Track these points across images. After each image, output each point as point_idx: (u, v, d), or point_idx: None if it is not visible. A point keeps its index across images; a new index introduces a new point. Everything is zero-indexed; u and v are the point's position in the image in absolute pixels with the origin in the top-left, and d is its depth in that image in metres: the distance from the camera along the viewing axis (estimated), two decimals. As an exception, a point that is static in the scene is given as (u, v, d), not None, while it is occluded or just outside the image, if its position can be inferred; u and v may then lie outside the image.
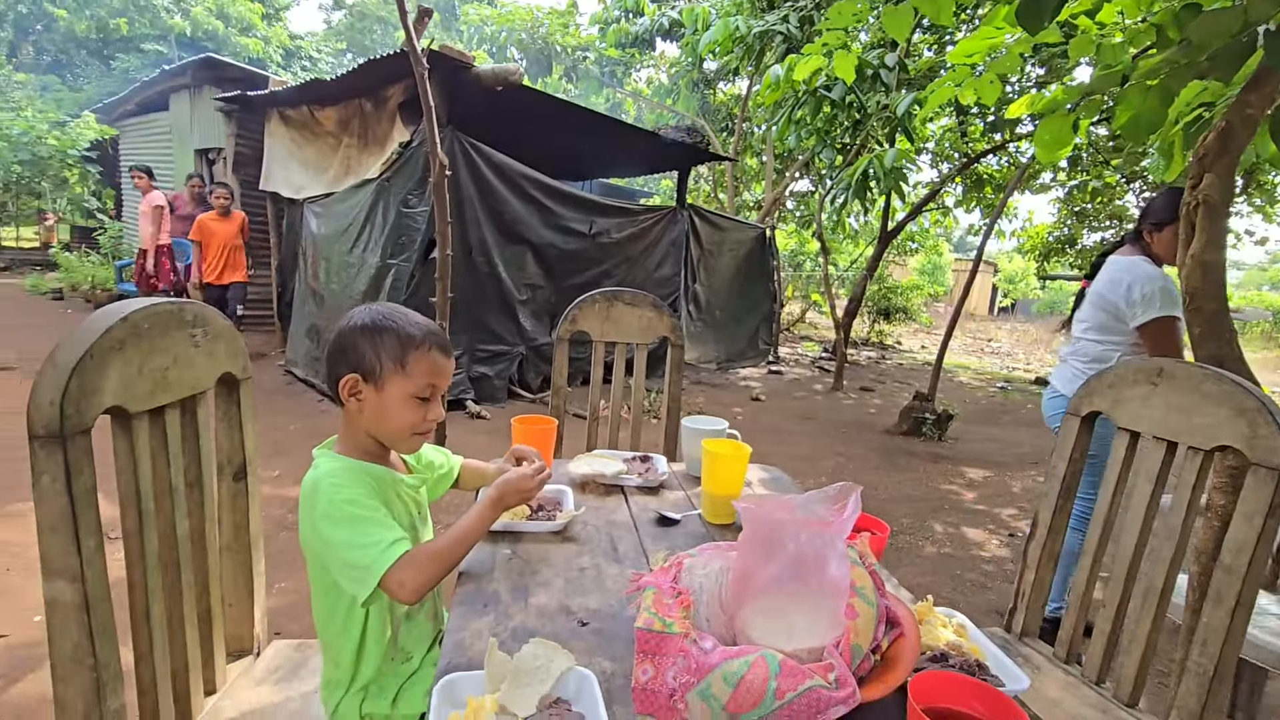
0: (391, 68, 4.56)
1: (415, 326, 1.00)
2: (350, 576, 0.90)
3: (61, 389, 0.84)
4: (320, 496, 0.93)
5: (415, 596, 0.89)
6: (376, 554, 0.88)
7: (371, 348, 0.98)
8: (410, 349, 0.98)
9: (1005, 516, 3.86)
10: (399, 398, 0.98)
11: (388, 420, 1.00)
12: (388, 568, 0.87)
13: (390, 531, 0.91)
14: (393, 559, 0.88)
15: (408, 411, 0.99)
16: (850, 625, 0.69)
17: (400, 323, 1.00)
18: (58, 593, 0.85)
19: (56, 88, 17.57)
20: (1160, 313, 1.99)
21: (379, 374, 0.98)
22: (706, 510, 1.26)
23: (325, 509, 0.92)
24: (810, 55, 1.99)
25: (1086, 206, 8.92)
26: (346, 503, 0.92)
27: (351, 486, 0.95)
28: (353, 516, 0.91)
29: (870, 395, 7.40)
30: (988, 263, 26.62)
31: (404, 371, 0.98)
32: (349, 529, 0.90)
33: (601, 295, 2.05)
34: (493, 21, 12.12)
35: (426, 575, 0.89)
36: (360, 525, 0.91)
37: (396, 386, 0.98)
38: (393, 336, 0.98)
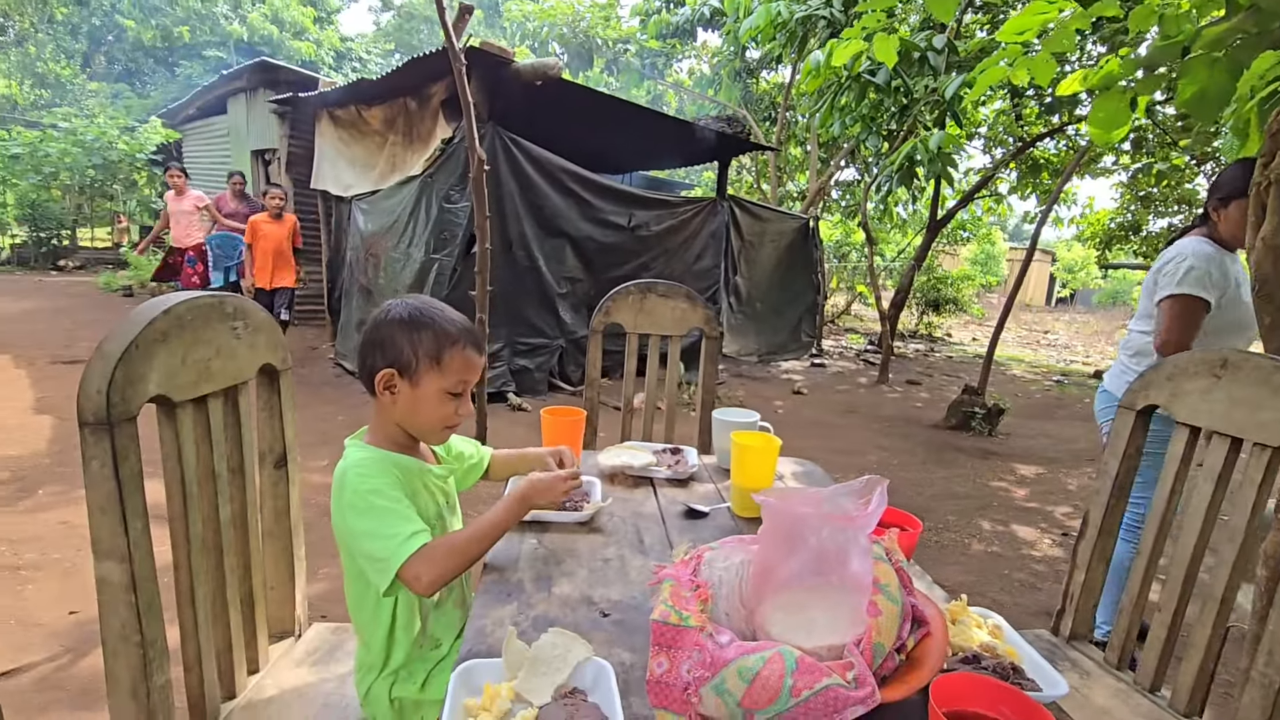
0: (434, 66, 4.63)
1: (451, 324, 1.02)
2: (371, 567, 0.92)
3: (108, 378, 0.87)
4: (347, 486, 0.95)
5: (430, 590, 0.90)
6: (395, 546, 0.89)
7: (409, 343, 1.00)
8: (446, 346, 0.99)
9: (1059, 515, 3.71)
10: (433, 393, 1.00)
11: (420, 414, 1.02)
12: (404, 560, 0.89)
13: (410, 524, 0.93)
14: (410, 551, 0.89)
15: (440, 406, 1.01)
16: (873, 623, 0.66)
17: (437, 319, 1.01)
18: (107, 572, 0.90)
19: (126, 95, 18.50)
20: (1176, 289, 1.82)
21: (415, 369, 1.00)
22: (736, 503, 1.25)
23: (350, 499, 0.94)
24: (849, 39, 1.93)
25: (1152, 191, 8.46)
26: (371, 493, 0.94)
27: (377, 477, 0.96)
28: (376, 508, 0.93)
29: (917, 389, 7.21)
30: (1045, 251, 25.55)
31: (439, 368, 0.99)
32: (372, 520, 0.92)
33: (635, 287, 2.04)
34: (535, 17, 12.21)
35: (441, 569, 0.90)
36: (382, 516, 0.92)
37: (431, 382, 1.00)
38: (430, 333, 1.00)
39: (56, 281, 9.67)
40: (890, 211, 11.51)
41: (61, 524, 2.73)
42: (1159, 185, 7.93)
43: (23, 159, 10.77)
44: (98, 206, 11.92)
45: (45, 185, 11.07)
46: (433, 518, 1.05)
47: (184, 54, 18.93)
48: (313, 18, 21.76)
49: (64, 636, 2.06)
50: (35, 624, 2.10)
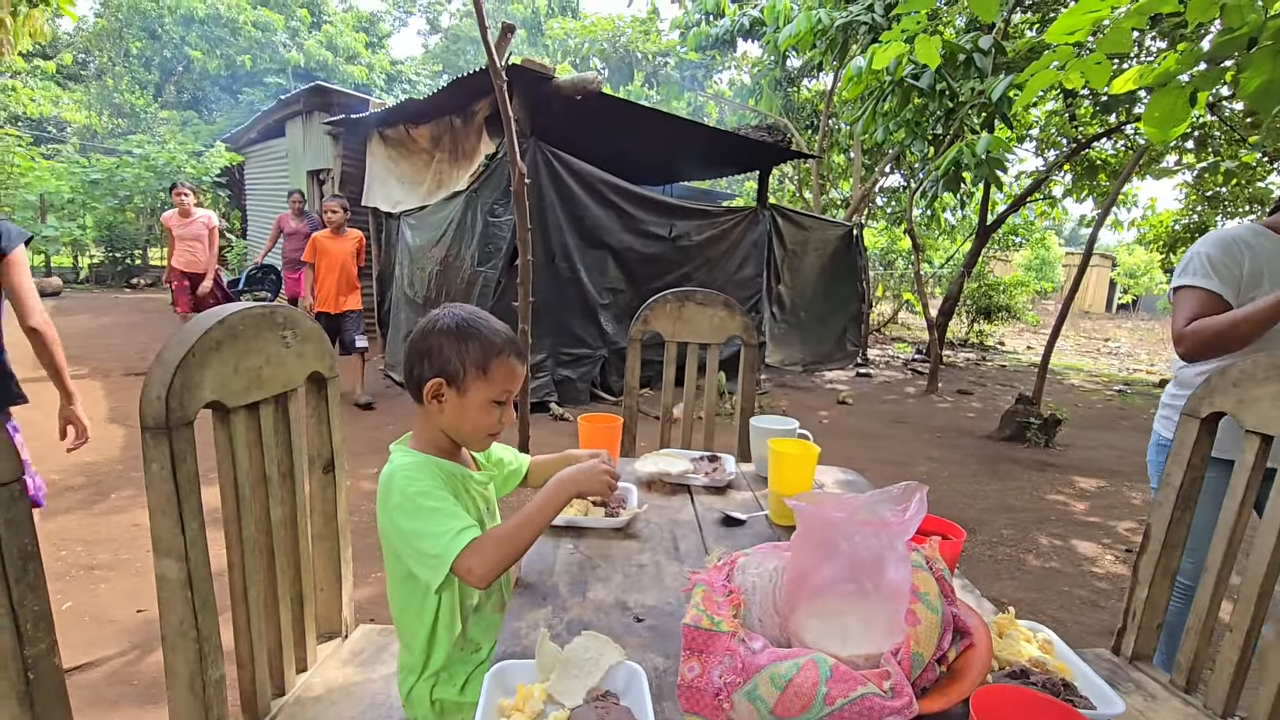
0: (478, 84, 4.76)
1: (496, 334, 1.05)
2: (424, 564, 0.94)
3: (167, 385, 0.92)
4: (395, 489, 0.98)
5: (485, 581, 0.92)
6: (447, 541, 0.92)
7: (457, 353, 1.02)
8: (493, 356, 1.02)
9: (1122, 530, 3.53)
10: (479, 401, 1.03)
11: (466, 422, 1.05)
12: (457, 554, 0.91)
13: (460, 520, 0.95)
14: (461, 545, 0.92)
15: (486, 414, 1.04)
16: (911, 632, 0.65)
17: (483, 329, 1.04)
18: (165, 570, 0.94)
19: (194, 122, 19.55)
20: (1178, 281, 1.64)
21: (463, 379, 1.02)
22: (773, 511, 1.23)
23: (399, 501, 0.97)
24: (890, 42, 1.90)
25: (1220, 190, 8.04)
26: (419, 494, 0.97)
27: (424, 479, 0.99)
28: (425, 508, 0.96)
29: (968, 398, 6.99)
30: (1104, 256, 24.53)
31: (485, 377, 1.02)
32: (422, 519, 0.95)
33: (673, 295, 2.04)
34: (576, 34, 12.42)
35: (493, 559, 0.92)
36: (432, 516, 0.95)
37: (479, 391, 1.02)
38: (477, 343, 1.02)
39: (131, 298, 10.24)
40: (938, 217, 11.25)
41: (133, 526, 2.87)
42: (1228, 184, 7.53)
43: (101, 184, 11.49)
44: (168, 227, 12.58)
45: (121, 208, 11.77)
46: (474, 521, 1.07)
47: (246, 81, 19.92)
48: (364, 43, 22.63)
49: (133, 633, 2.17)
50: (108, 620, 2.22)
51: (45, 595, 0.77)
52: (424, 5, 28.84)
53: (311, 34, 21.27)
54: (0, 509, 0.71)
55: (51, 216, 11.42)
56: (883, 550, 0.66)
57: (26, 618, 0.74)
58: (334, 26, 21.86)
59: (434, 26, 29.08)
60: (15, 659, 0.73)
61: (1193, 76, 1.47)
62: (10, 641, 0.72)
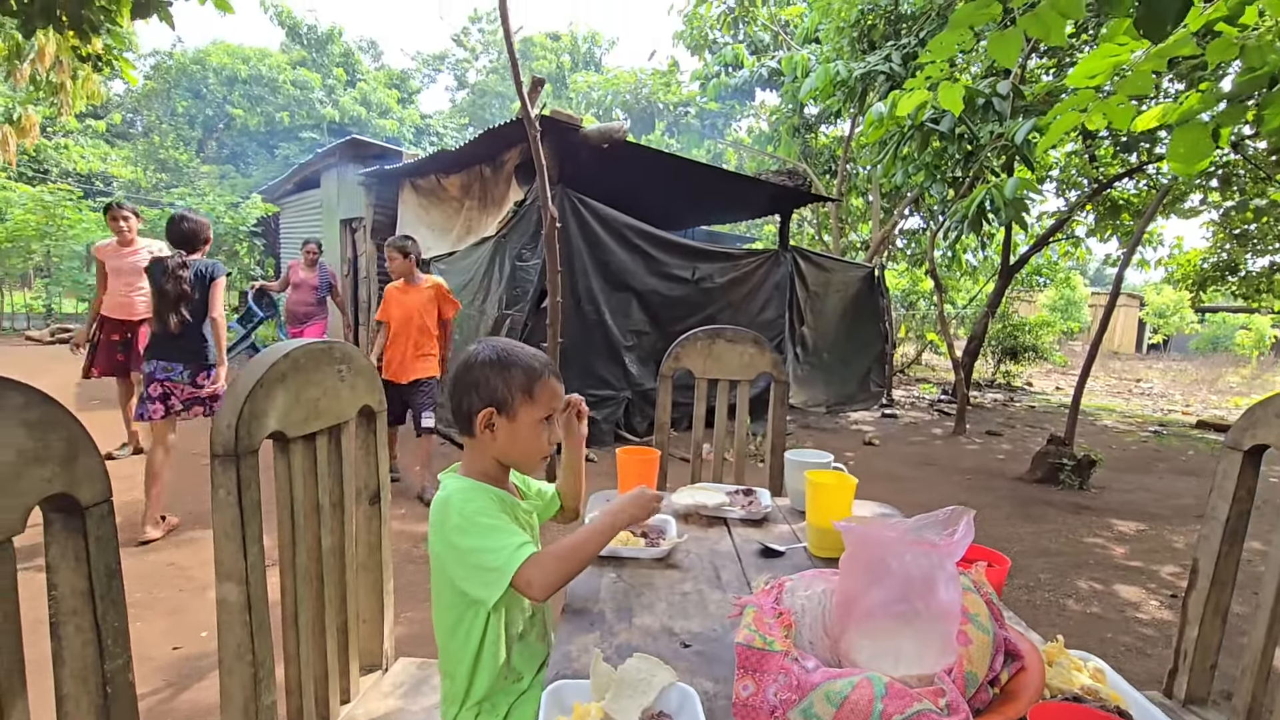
0: (508, 135, 4.95)
1: (534, 358, 1.11)
2: (482, 580, 0.97)
3: (237, 414, 0.97)
4: (452, 510, 1.02)
5: (545, 592, 0.95)
6: (507, 556, 0.95)
7: (503, 381, 1.08)
8: (535, 379, 1.08)
9: (1166, 575, 3.42)
10: (529, 424, 1.08)
11: (519, 446, 1.09)
12: (518, 567, 0.94)
13: (518, 536, 0.99)
14: (522, 559, 0.95)
15: (536, 435, 1.09)
16: (963, 652, 0.65)
17: (522, 356, 1.11)
18: (227, 593, 0.98)
19: (232, 176, 20.44)
20: None
21: (511, 405, 1.07)
22: (812, 543, 1.24)
23: (457, 521, 1.01)
24: (914, 89, 1.97)
25: (1248, 228, 7.98)
26: (477, 513, 1.01)
27: (479, 500, 1.04)
28: (483, 525, 1.00)
29: (998, 440, 6.87)
30: (1132, 296, 24.20)
31: (532, 400, 1.07)
32: (480, 537, 0.99)
33: (703, 333, 2.08)
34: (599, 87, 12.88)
35: (553, 571, 0.95)
36: (491, 532, 0.99)
37: (527, 413, 1.07)
38: (519, 370, 1.08)
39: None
40: (959, 258, 11.27)
41: (169, 565, 2.92)
42: (1258, 221, 7.48)
43: (143, 235, 11.98)
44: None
45: (162, 257, 12.24)
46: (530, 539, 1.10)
47: (283, 136, 20.86)
48: (396, 99, 23.66)
49: (168, 671, 2.19)
50: (144, 658, 2.24)
51: (124, 612, 0.81)
52: (452, 63, 30.17)
53: (346, 91, 22.31)
54: (92, 528, 0.76)
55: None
56: (933, 570, 0.68)
57: (108, 633, 0.78)
58: (367, 84, 22.92)
59: (461, 83, 30.34)
60: (96, 672, 0.77)
61: (1214, 115, 1.51)
62: (93, 655, 0.76)
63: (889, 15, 7.08)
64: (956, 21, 1.71)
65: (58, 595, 0.74)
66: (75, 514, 0.74)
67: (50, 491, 0.71)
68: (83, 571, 0.76)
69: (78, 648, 0.75)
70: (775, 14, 10.77)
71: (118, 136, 21.38)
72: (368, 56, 27.14)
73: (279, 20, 21.89)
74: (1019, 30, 1.70)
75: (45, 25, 3.83)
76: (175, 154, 20.12)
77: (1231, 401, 11.52)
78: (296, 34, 22.66)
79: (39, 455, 0.70)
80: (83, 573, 0.75)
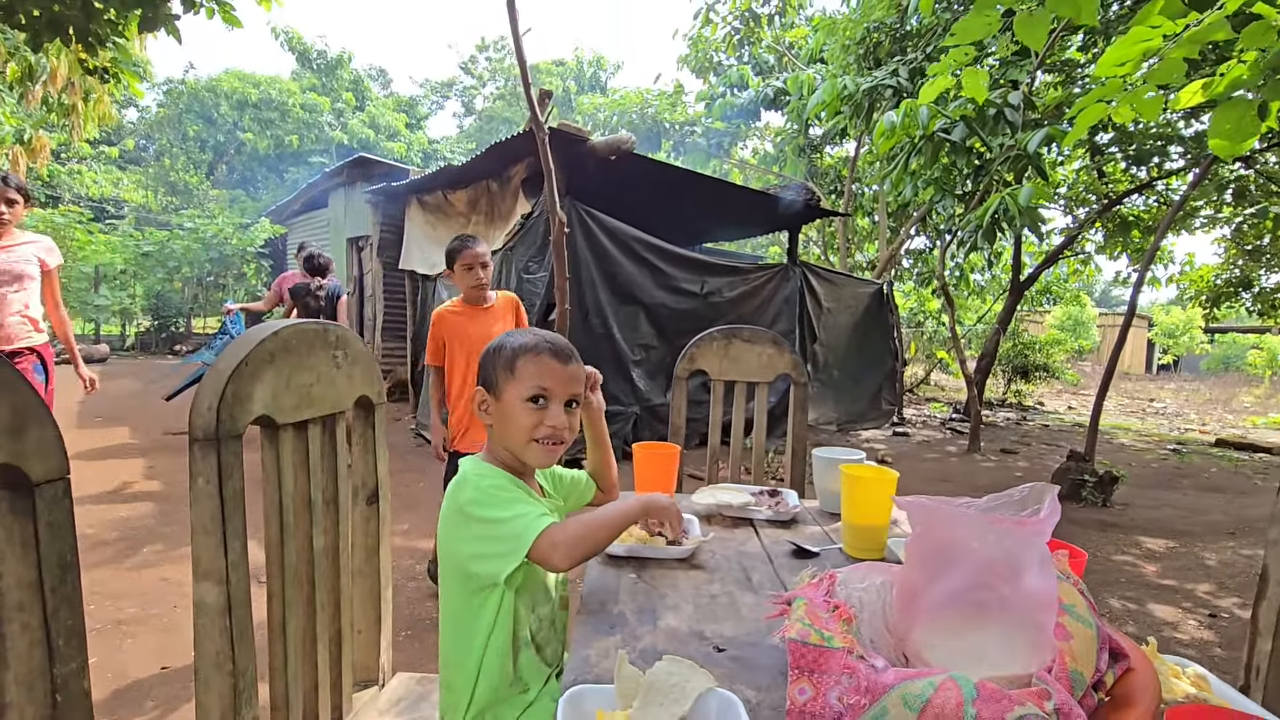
0: (515, 149, 4.92)
1: (530, 335, 1.05)
2: (498, 550, 0.90)
3: (219, 394, 0.88)
4: (468, 484, 0.97)
5: (567, 561, 0.87)
6: (527, 523, 0.89)
7: (490, 363, 1.05)
8: (520, 354, 1.01)
9: (1201, 593, 3.26)
10: (512, 401, 1.01)
11: (508, 426, 1.02)
12: (538, 534, 0.88)
13: (538, 507, 0.94)
14: (542, 527, 0.89)
15: (522, 415, 1.00)
16: (1064, 647, 0.55)
17: (517, 336, 1.05)
18: (204, 594, 0.88)
19: (241, 199, 20.63)
20: None
21: (496, 383, 1.03)
22: (848, 543, 1.13)
23: (473, 495, 0.95)
24: (937, 76, 1.90)
25: (1261, 243, 7.89)
26: (494, 488, 0.96)
27: (497, 477, 0.99)
28: (501, 499, 0.95)
29: (1013, 458, 6.71)
30: (1140, 316, 24.07)
31: (513, 375, 1.01)
32: (498, 508, 0.93)
33: (720, 333, 1.99)
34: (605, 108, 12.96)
35: (575, 540, 0.88)
36: (509, 504, 0.94)
37: (511, 391, 1.01)
38: (508, 349, 1.04)
39: (173, 364, 10.51)
40: (966, 278, 11.19)
41: (162, 580, 2.81)
42: (1272, 233, 7.38)
43: (152, 256, 12.04)
44: (211, 296, 13.08)
45: (170, 278, 12.28)
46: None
47: (292, 160, 21.08)
48: (404, 123, 23.95)
49: (154, 692, 2.07)
50: (130, 678, 2.13)
51: (80, 610, 0.70)
52: (459, 90, 30.58)
53: (355, 115, 22.60)
54: (43, 510, 0.66)
55: (104, 287, 11.94)
56: (1020, 551, 0.57)
57: (60, 632, 0.68)
58: (376, 108, 23.23)
59: (468, 109, 30.72)
60: (44, 677, 0.66)
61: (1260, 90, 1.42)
62: (40, 657, 0.66)
63: (894, 33, 7.10)
64: (982, 3, 1.64)
65: (2, 587, 0.64)
66: (24, 492, 0.65)
67: (-8, 462, 0.61)
68: (31, 560, 0.66)
69: (23, 649, 0.65)
70: (780, 36, 10.85)
71: (130, 162, 21.67)
72: (377, 84, 27.58)
73: (289, 46, 22.27)
74: (1048, 11, 1.63)
75: (53, 39, 3.83)
76: (186, 177, 20.35)
77: (1248, 421, 11.32)
78: (307, 59, 23.03)
79: (-21, 421, 0.61)
80: (31, 561, 0.66)
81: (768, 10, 10.55)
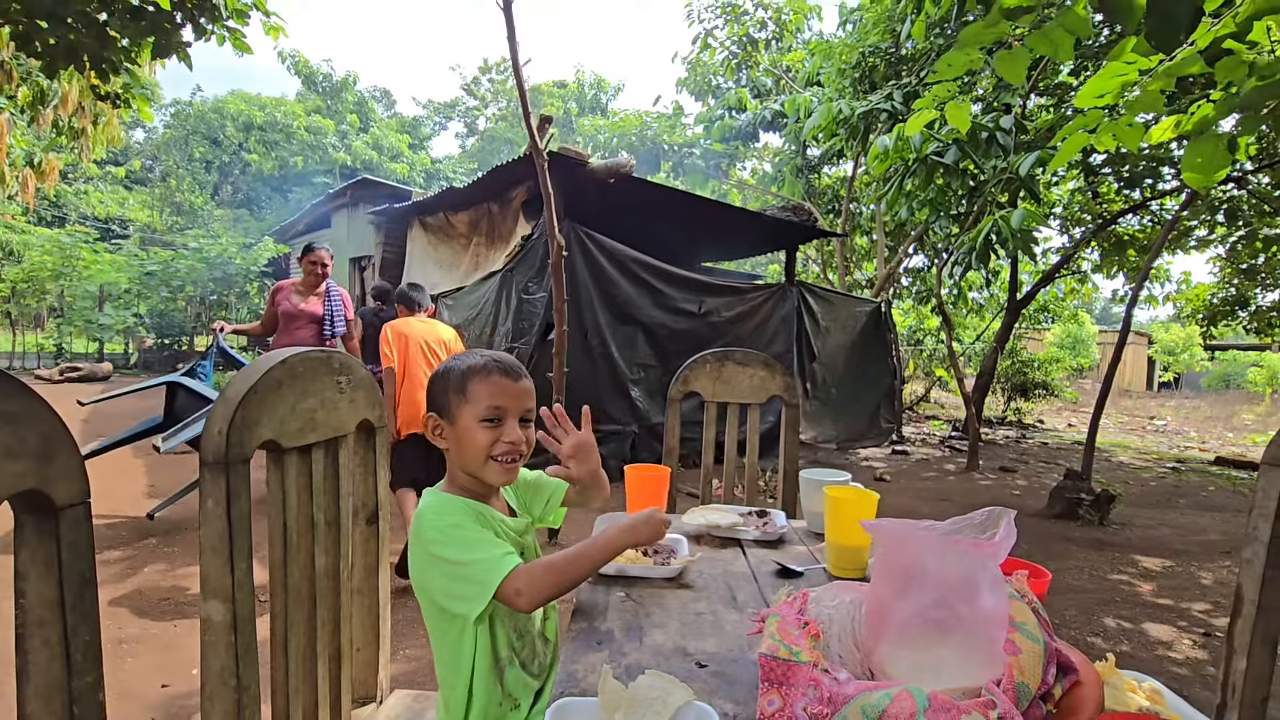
0: (516, 172, 5.02)
1: (479, 357, 1.06)
2: (463, 595, 0.90)
3: (229, 420, 0.93)
4: (426, 524, 0.98)
5: (533, 604, 0.88)
6: (488, 567, 0.89)
7: (440, 388, 1.06)
8: (470, 377, 1.03)
9: (1197, 613, 3.28)
10: (466, 423, 1.03)
11: (464, 448, 1.03)
12: (503, 578, 0.88)
13: (500, 547, 0.93)
14: (506, 570, 0.88)
15: (478, 435, 1.02)
16: (1013, 661, 0.59)
17: (466, 360, 1.07)
18: (211, 611, 0.92)
19: (246, 219, 20.83)
20: None
21: (448, 408, 1.04)
22: (832, 562, 1.17)
23: (432, 535, 0.96)
24: (922, 109, 1.97)
25: (1256, 262, 7.96)
26: (452, 527, 0.96)
27: (454, 514, 0.99)
28: (460, 539, 0.94)
29: (1012, 476, 6.73)
30: (1140, 334, 24.12)
31: (466, 397, 1.03)
32: (458, 549, 0.93)
33: (713, 355, 2.04)
34: (605, 130, 13.15)
35: (542, 582, 0.89)
36: (469, 545, 0.93)
37: (463, 414, 1.03)
38: (456, 373, 1.05)
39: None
40: (964, 296, 11.26)
41: (163, 599, 2.83)
42: (1266, 253, 7.45)
43: (156, 275, 12.15)
44: (214, 314, 13.18)
45: (173, 297, 12.38)
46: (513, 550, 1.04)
47: (296, 181, 21.33)
48: (407, 143, 24.25)
49: (155, 709, 2.09)
50: (131, 696, 2.15)
51: (97, 626, 0.75)
52: (462, 111, 30.99)
53: (359, 136, 22.89)
54: (65, 531, 0.71)
55: (109, 306, 12.03)
56: (975, 572, 0.62)
57: (78, 647, 0.72)
58: (380, 129, 23.52)
59: (471, 130, 31.11)
60: (62, 690, 0.70)
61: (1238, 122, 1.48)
62: (59, 671, 0.70)
63: (889, 57, 7.24)
64: (965, 40, 1.71)
65: (25, 604, 0.68)
66: (49, 515, 0.70)
67: (22, 487, 0.66)
68: (53, 579, 0.70)
69: (43, 662, 0.69)
70: (777, 60, 11.04)
71: (136, 182, 21.91)
72: (381, 105, 27.96)
73: (296, 70, 22.62)
74: (1025, 48, 1.70)
75: (68, 66, 3.93)
76: (191, 197, 20.57)
77: (1248, 439, 11.32)
78: (312, 82, 23.39)
79: (12, 448, 0.65)
80: (53, 580, 0.70)
81: (765, 35, 10.74)
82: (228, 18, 4.05)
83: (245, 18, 4.15)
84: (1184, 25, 1.21)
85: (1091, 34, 4.42)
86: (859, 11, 8.29)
